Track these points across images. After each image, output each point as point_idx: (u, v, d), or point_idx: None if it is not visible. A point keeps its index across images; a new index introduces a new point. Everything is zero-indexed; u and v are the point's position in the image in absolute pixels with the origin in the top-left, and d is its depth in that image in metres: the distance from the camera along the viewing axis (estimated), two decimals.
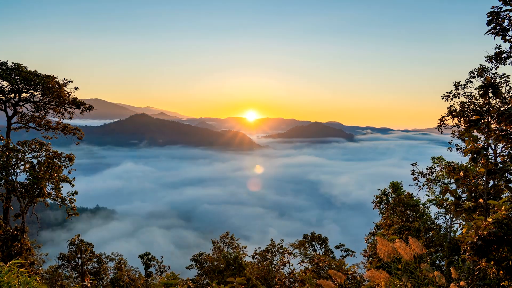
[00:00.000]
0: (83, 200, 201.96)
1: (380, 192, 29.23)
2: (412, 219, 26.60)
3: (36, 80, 23.53)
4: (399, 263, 7.11)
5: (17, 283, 6.53)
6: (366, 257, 29.25)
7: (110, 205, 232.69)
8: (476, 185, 10.32)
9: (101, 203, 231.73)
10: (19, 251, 22.08)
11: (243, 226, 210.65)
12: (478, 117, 9.86)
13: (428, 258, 24.43)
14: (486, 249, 7.08)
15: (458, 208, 10.75)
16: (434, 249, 25.56)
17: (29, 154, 23.66)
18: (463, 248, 7.53)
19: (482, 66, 19.92)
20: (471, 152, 9.46)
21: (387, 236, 7.54)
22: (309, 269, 29.41)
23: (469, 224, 7.67)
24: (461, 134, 21.38)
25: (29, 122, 25.15)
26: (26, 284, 6.59)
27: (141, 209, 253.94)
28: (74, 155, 25.55)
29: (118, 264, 34.17)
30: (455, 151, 23.32)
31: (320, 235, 34.89)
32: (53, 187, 23.95)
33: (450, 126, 22.19)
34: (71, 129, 25.87)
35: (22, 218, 23.17)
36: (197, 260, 33.93)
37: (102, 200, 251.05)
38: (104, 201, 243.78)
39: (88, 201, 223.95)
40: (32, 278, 6.87)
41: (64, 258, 30.83)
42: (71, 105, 25.50)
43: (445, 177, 26.34)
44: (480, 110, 20.40)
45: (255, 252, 36.12)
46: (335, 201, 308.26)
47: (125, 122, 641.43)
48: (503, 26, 10.55)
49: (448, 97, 21.73)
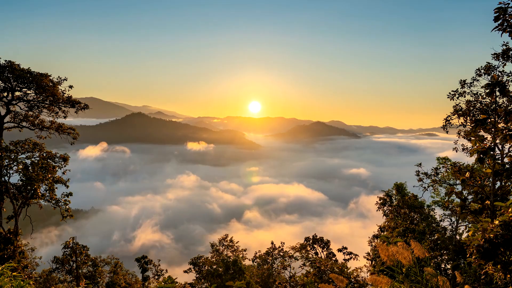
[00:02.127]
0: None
1: (384, 193, 29.25)
2: (416, 221, 26.62)
3: (29, 78, 23.53)
4: (403, 266, 7.11)
5: (10, 287, 6.53)
6: (369, 260, 29.28)
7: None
8: (483, 186, 10.33)
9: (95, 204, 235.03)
10: (12, 254, 22.08)
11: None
12: (484, 116, 9.85)
13: (432, 261, 24.45)
14: (492, 252, 7.08)
15: (464, 210, 10.75)
16: (439, 252, 25.57)
17: (22, 154, 23.68)
18: (469, 251, 7.53)
19: (489, 63, 19.94)
20: (478, 152, 9.46)
21: (391, 239, 7.53)
22: (310, 273, 29.48)
23: (475, 227, 7.67)
24: (467, 134, 21.37)
25: (22, 122, 25.15)
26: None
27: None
28: (69, 156, 25.57)
29: (114, 268, 34.16)
30: (461, 151, 23.34)
31: (322, 238, 34.91)
32: (47, 188, 23.96)
33: (456, 125, 22.18)
34: (65, 128, 25.87)
35: (15, 220, 23.18)
36: (195, 263, 33.93)
37: (96, 201, 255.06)
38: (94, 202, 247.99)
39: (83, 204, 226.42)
40: (25, 282, 6.87)
41: (59, 262, 30.81)
42: (65, 104, 25.50)
43: (450, 178, 26.36)
44: (486, 109, 20.40)
45: (255, 255, 36.14)
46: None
47: (121, 121, 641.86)
48: (511, 23, 10.54)
49: (454, 95, 21.73)
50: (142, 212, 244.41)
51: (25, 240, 28.11)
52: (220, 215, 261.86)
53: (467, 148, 23.11)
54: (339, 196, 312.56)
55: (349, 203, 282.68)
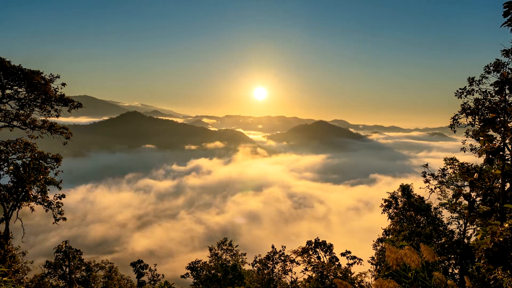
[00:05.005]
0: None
1: (389, 195, 29.27)
2: (423, 224, 26.63)
3: (20, 75, 23.52)
4: (409, 271, 7.11)
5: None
6: (374, 265, 29.29)
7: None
8: (492, 188, 10.32)
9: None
10: (3, 258, 22.08)
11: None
12: (493, 115, 9.84)
13: (440, 266, 24.46)
14: (502, 257, 7.08)
15: (472, 212, 10.75)
16: (447, 256, 25.58)
17: (13, 154, 23.68)
18: (477, 256, 7.53)
19: (498, 60, 19.94)
20: (486, 152, 9.46)
21: (397, 243, 7.54)
22: (312, 278, 29.49)
23: (484, 230, 7.67)
24: (476, 134, 21.38)
25: (13, 121, 25.13)
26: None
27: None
28: (62, 156, 25.58)
29: (109, 273, 34.18)
30: (469, 152, 23.34)
31: (324, 242, 34.90)
32: (39, 190, 23.96)
33: (464, 125, 22.19)
34: (58, 128, 25.86)
35: (6, 223, 23.18)
36: (193, 268, 33.94)
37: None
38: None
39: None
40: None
41: (51, 266, 30.83)
42: (58, 102, 25.48)
43: (458, 179, 26.35)
44: (496, 108, 20.38)
45: (255, 259, 36.14)
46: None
47: (116, 120, 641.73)
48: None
49: (462, 93, 21.73)
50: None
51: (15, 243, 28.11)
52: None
53: (475, 148, 23.10)
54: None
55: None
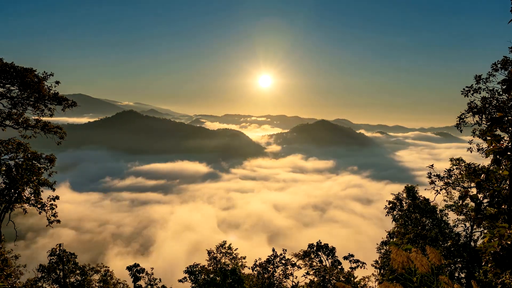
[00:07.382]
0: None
1: (394, 197, 29.27)
2: (428, 227, 26.63)
3: (13, 73, 23.51)
4: (415, 275, 7.11)
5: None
6: (377, 268, 29.29)
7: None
8: (499, 190, 10.32)
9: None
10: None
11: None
12: (501, 114, 9.84)
13: (446, 269, 24.46)
14: (510, 260, 7.08)
15: (479, 214, 10.75)
16: (453, 260, 25.58)
17: (6, 155, 23.66)
18: (484, 259, 7.53)
19: (506, 58, 19.94)
20: (494, 153, 9.45)
21: (401, 246, 7.54)
22: (314, 282, 29.51)
23: (491, 233, 7.67)
24: (483, 133, 21.37)
25: (5, 120, 25.12)
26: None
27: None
28: (55, 156, 25.57)
29: (104, 277, 34.18)
30: (476, 152, 23.32)
31: (326, 245, 34.92)
32: (32, 191, 23.96)
33: (470, 124, 22.17)
34: (52, 127, 25.85)
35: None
36: (191, 272, 33.95)
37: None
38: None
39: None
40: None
41: (45, 270, 30.82)
42: (51, 101, 25.47)
43: (464, 180, 26.34)
44: (503, 107, 20.40)
45: (255, 263, 36.14)
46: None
47: (112, 119, 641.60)
48: None
49: (469, 92, 21.71)
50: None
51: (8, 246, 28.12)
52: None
53: (482, 148, 23.09)
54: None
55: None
